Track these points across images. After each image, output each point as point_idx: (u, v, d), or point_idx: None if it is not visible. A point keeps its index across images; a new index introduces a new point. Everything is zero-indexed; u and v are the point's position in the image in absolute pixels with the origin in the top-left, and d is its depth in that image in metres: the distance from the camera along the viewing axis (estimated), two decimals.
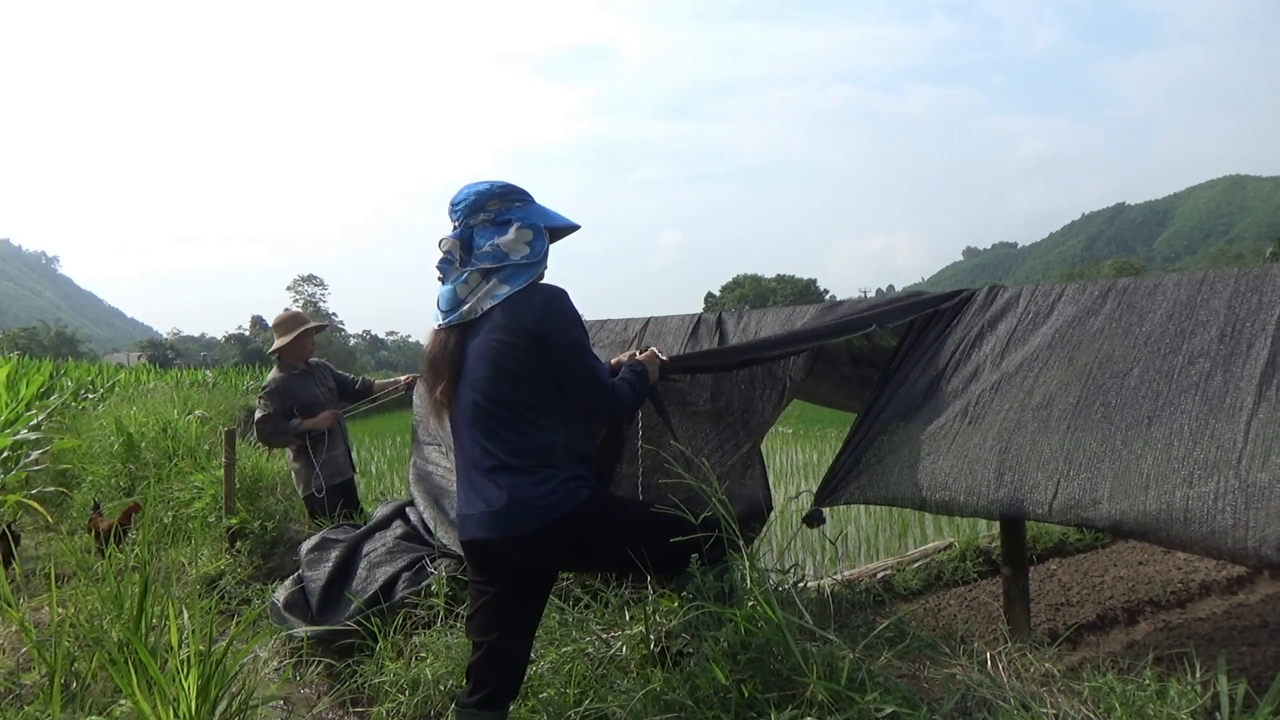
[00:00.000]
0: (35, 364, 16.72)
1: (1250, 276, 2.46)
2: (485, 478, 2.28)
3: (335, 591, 3.71)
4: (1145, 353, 2.48)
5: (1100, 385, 2.49)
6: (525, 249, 2.30)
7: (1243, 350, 2.29)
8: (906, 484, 2.66)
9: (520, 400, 2.25)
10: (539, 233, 2.34)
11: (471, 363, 2.31)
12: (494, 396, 2.26)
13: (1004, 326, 2.90)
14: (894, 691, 2.06)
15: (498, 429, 2.27)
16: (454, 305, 2.33)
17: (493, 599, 2.37)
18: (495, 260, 2.29)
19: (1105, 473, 2.28)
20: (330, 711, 3.22)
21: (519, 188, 2.40)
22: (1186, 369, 2.36)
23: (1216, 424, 2.18)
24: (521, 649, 2.40)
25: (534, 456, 2.24)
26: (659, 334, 4.05)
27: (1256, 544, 1.93)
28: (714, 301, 69.11)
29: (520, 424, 2.26)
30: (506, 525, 2.24)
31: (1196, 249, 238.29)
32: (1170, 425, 2.26)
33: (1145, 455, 2.25)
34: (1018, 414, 2.59)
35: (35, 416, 8.29)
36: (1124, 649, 4.12)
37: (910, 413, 2.86)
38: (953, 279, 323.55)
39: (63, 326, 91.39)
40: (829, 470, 2.91)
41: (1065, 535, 6.45)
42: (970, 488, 2.50)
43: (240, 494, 5.27)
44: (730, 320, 3.80)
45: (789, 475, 11.38)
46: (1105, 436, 2.35)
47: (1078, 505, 2.26)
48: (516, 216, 2.33)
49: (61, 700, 2.73)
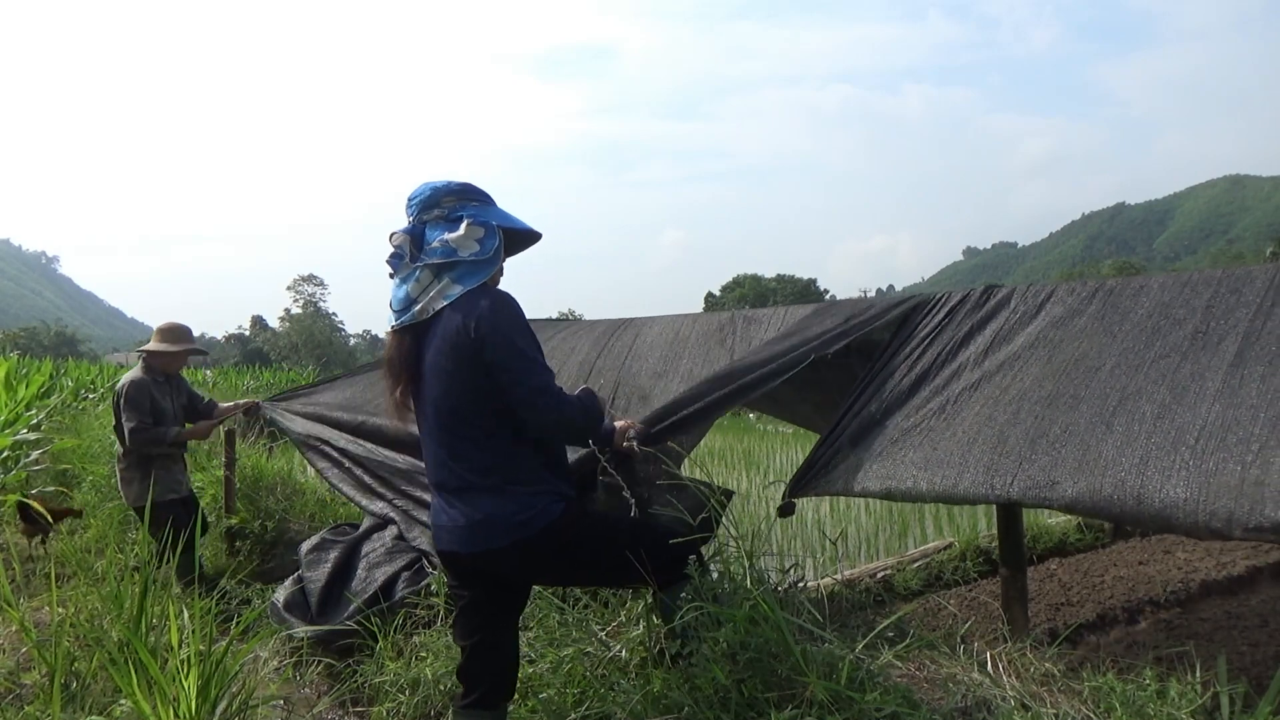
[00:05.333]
0: (35, 364, 16.73)
1: (1232, 278, 2.49)
2: (454, 495, 2.26)
3: (335, 592, 3.71)
4: (1120, 348, 2.53)
5: (1073, 379, 2.53)
6: (475, 245, 2.25)
7: (1213, 344, 2.34)
8: (873, 477, 2.66)
9: (479, 412, 2.20)
10: (491, 231, 2.28)
11: (428, 370, 2.26)
12: (454, 411, 2.22)
13: (992, 327, 2.92)
14: (894, 691, 2.06)
15: (461, 447, 2.23)
16: (406, 305, 2.28)
17: (470, 604, 2.36)
18: (444, 256, 2.24)
19: (1066, 457, 2.31)
20: (330, 711, 3.22)
21: (479, 189, 2.36)
22: (1157, 362, 2.41)
23: (1178, 410, 2.23)
24: (505, 650, 2.39)
25: (499, 474, 2.20)
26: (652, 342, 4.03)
27: (1207, 518, 1.97)
28: (714, 301, 69.11)
29: (484, 439, 2.21)
30: (477, 541, 2.22)
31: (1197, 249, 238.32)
32: (1133, 413, 2.31)
33: (1106, 440, 2.28)
34: (990, 409, 2.62)
35: (35, 416, 8.29)
36: (1124, 649, 4.12)
37: (890, 409, 2.87)
38: (953, 279, 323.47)
39: (63, 326, 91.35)
40: (804, 463, 2.91)
41: (1065, 535, 6.46)
42: (932, 479, 2.52)
43: (240, 494, 5.28)
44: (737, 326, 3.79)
45: (789, 475, 11.40)
46: (1069, 424, 2.39)
47: (1036, 486, 2.29)
48: (469, 213, 2.28)
49: (61, 700, 2.73)
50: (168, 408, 4.63)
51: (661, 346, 3.94)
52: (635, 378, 3.81)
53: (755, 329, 3.69)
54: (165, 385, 4.69)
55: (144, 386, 4.53)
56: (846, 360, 3.41)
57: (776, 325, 3.61)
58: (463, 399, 2.20)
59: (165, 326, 4.77)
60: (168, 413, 4.63)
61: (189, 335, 4.82)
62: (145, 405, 4.49)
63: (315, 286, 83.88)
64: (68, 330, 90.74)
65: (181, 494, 4.69)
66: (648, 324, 4.23)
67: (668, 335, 4.00)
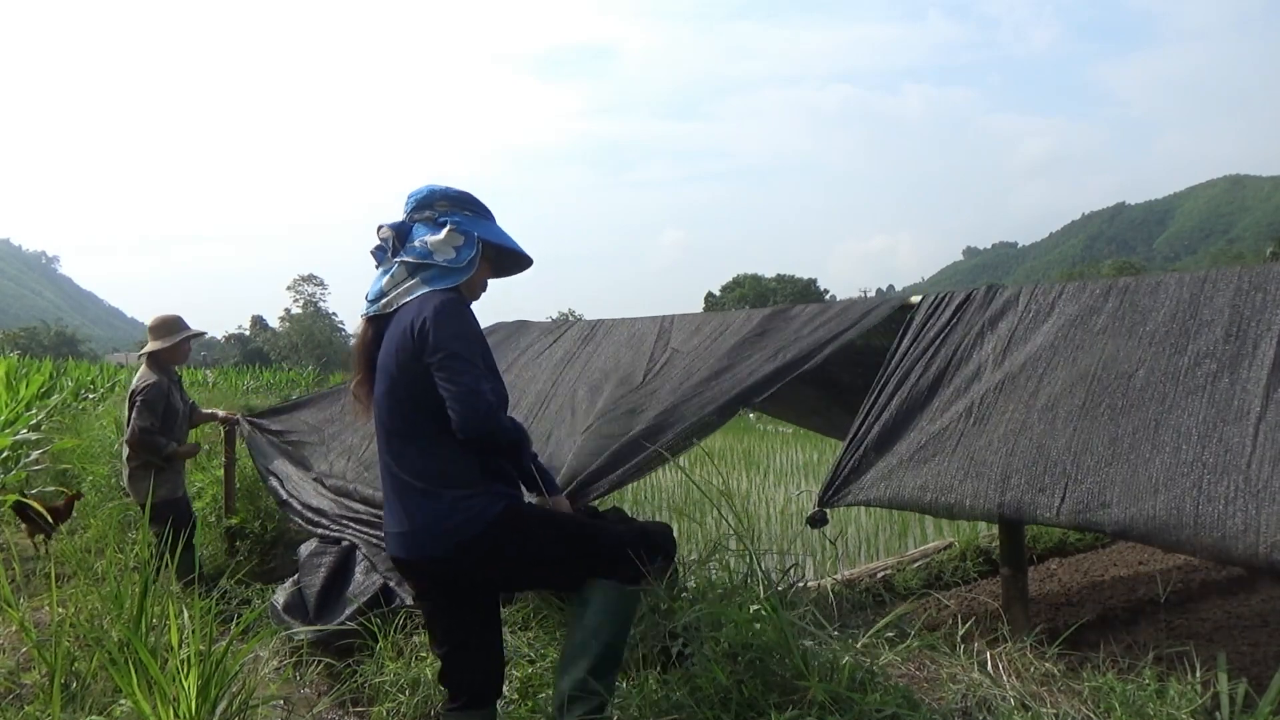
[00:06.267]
0: (35, 364, 16.73)
1: (1253, 274, 2.46)
2: (396, 498, 2.25)
3: (333, 594, 3.70)
4: (1150, 353, 2.47)
5: (1106, 386, 2.48)
6: (451, 252, 2.26)
7: (1249, 350, 2.28)
8: (910, 485, 2.64)
9: (418, 412, 2.18)
10: (471, 241, 2.28)
11: (379, 365, 2.28)
12: (394, 409, 2.22)
13: (1004, 326, 2.90)
14: (894, 692, 2.06)
15: (402, 448, 2.22)
16: (378, 297, 2.31)
17: (432, 611, 2.34)
18: (420, 256, 2.26)
19: (1114, 476, 2.25)
20: (330, 711, 3.22)
21: (477, 201, 2.37)
22: (1193, 370, 2.35)
23: (1225, 426, 2.17)
24: (479, 656, 2.32)
25: (435, 479, 2.18)
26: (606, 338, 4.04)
27: (1268, 549, 1.91)
28: (714, 301, 69.09)
29: (423, 441, 2.19)
30: (418, 547, 2.20)
31: (1197, 249, 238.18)
32: (1178, 427, 2.24)
33: (1154, 459, 2.22)
34: (1023, 415, 2.58)
35: (35, 416, 8.29)
36: (1124, 649, 4.11)
37: (913, 412, 2.85)
38: (953, 279, 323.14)
39: (63, 326, 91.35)
40: (831, 470, 2.90)
41: (1065, 535, 6.45)
42: (976, 491, 2.48)
43: (240, 494, 5.27)
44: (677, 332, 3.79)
45: (789, 475, 11.39)
46: (1113, 439, 2.33)
47: (1086, 509, 2.24)
48: (455, 220, 2.29)
49: (61, 700, 2.72)
50: (179, 406, 4.70)
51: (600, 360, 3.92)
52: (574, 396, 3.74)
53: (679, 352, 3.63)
54: (176, 386, 4.74)
55: (161, 389, 4.57)
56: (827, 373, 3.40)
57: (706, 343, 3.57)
58: (404, 397, 2.20)
59: (155, 323, 4.76)
60: (179, 411, 4.68)
61: (181, 323, 4.82)
62: (159, 408, 4.53)
63: (315, 286, 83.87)
64: (68, 330, 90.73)
65: (182, 493, 4.73)
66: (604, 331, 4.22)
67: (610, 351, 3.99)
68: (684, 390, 3.20)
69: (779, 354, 3.20)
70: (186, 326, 4.82)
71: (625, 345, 3.94)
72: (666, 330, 3.88)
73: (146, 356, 4.70)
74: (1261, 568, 1.96)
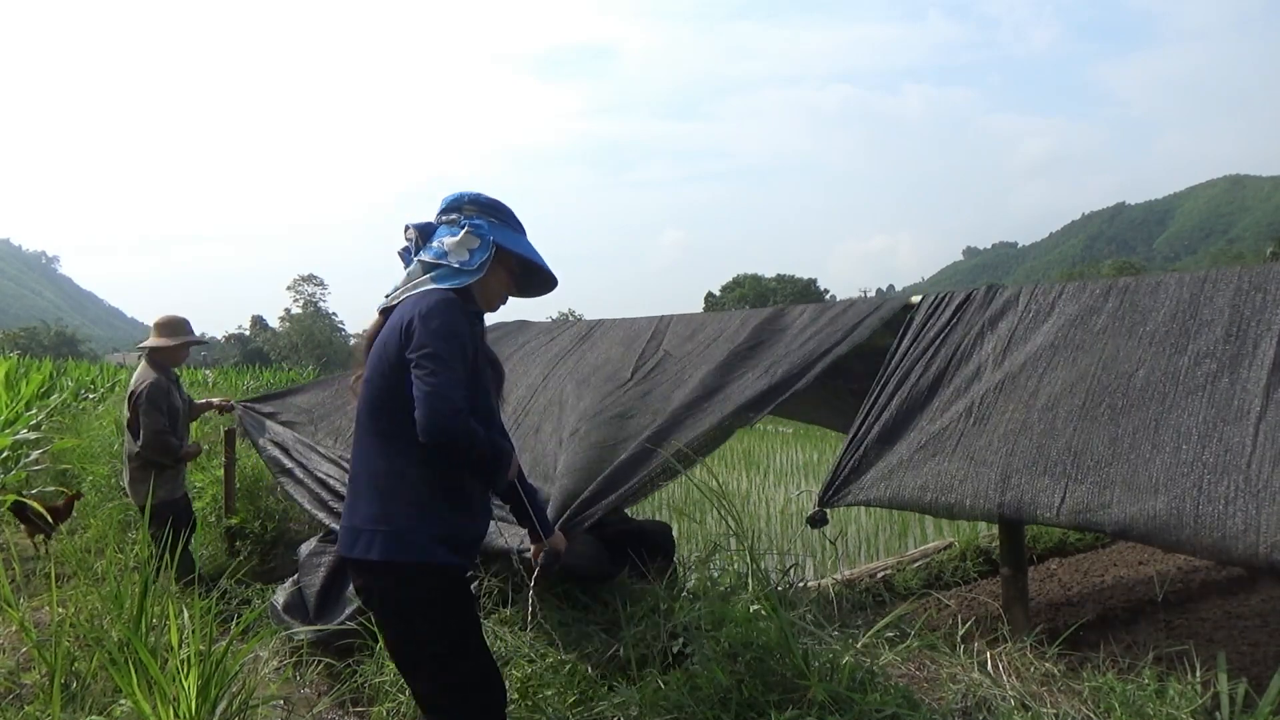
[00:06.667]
0: (35, 364, 16.72)
1: (1253, 274, 2.46)
2: (350, 492, 2.21)
3: (332, 595, 3.70)
4: (1150, 353, 2.47)
5: (1105, 386, 2.48)
6: (465, 254, 2.25)
7: (1249, 350, 2.28)
8: (910, 485, 2.64)
9: (389, 408, 2.13)
10: (486, 245, 2.26)
11: (369, 357, 2.25)
12: (370, 400, 2.19)
13: (1004, 325, 2.90)
14: (894, 691, 2.06)
15: (368, 442, 2.18)
16: (395, 291, 2.33)
17: (380, 630, 2.30)
18: (435, 256, 2.27)
19: (1114, 476, 2.25)
20: (330, 711, 3.22)
21: (505, 209, 2.36)
22: (1193, 370, 2.35)
23: (1225, 426, 2.17)
24: (439, 691, 2.13)
25: (385, 479, 2.11)
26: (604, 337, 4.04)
27: (1268, 549, 1.91)
28: (714, 301, 69.09)
29: (384, 438, 2.14)
30: (350, 545, 2.12)
31: (1197, 249, 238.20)
32: (1178, 427, 2.24)
33: (1154, 459, 2.22)
34: (1023, 414, 2.58)
35: (35, 416, 8.29)
36: (1124, 649, 4.12)
37: (913, 412, 2.85)
38: (953, 279, 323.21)
39: (63, 326, 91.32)
40: (831, 470, 2.90)
41: (1065, 535, 6.45)
42: (976, 490, 2.49)
43: (240, 494, 5.27)
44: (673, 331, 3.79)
45: (789, 475, 11.39)
46: (1113, 439, 2.33)
47: (1086, 509, 2.23)
48: (475, 224, 2.29)
49: (61, 700, 2.73)
50: (180, 405, 4.69)
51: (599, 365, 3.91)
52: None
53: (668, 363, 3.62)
54: (175, 385, 4.73)
55: (162, 388, 4.56)
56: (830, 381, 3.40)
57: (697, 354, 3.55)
58: (380, 389, 2.17)
59: (162, 321, 4.76)
60: (180, 410, 4.68)
61: (187, 327, 4.82)
62: (164, 406, 4.52)
63: (315, 286, 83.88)
64: (68, 330, 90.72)
65: (182, 493, 4.73)
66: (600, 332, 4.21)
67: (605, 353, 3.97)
68: (674, 411, 3.16)
69: (771, 370, 3.19)
70: (191, 332, 4.82)
71: (618, 343, 3.94)
72: (661, 331, 3.88)
73: (146, 353, 4.70)
74: (1261, 568, 1.96)
